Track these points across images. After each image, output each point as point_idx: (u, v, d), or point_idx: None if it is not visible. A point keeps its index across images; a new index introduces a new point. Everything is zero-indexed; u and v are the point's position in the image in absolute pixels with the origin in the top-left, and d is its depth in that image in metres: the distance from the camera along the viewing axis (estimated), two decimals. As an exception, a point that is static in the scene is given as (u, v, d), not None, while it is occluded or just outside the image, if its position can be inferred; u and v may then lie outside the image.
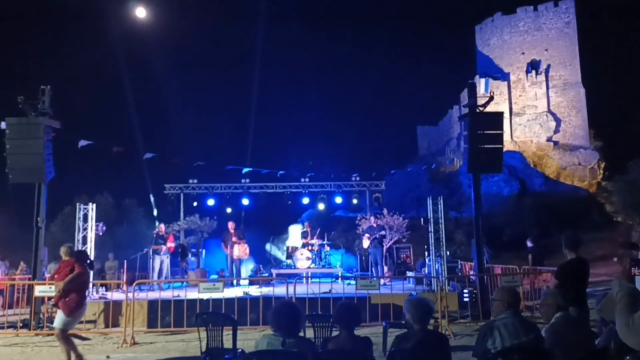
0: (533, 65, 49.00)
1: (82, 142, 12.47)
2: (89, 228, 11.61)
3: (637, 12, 76.53)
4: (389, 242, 14.96)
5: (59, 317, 6.63)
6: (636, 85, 66.85)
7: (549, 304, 4.02)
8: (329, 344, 3.84)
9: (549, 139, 46.92)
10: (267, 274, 14.51)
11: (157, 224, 14.61)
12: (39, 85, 10.42)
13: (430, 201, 12.24)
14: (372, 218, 14.56)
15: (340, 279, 13.36)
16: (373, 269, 13.68)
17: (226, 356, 5.10)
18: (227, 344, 5.56)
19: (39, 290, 9.46)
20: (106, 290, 11.98)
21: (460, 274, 13.71)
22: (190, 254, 15.15)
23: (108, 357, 7.62)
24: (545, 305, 4.05)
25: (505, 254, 22.83)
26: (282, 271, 13.86)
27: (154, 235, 13.35)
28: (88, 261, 7.18)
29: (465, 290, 10.59)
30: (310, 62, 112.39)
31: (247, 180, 16.45)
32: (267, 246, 25.66)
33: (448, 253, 12.94)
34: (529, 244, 14.80)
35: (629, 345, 2.36)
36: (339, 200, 16.60)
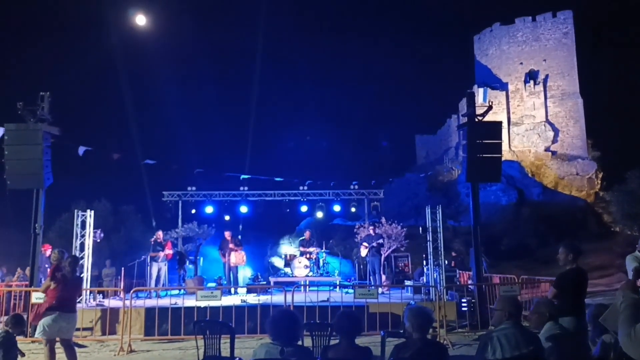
0: (531, 76, 49.13)
1: (82, 149, 12.44)
2: (86, 235, 11.58)
3: (635, 23, 76.93)
4: (387, 251, 14.95)
5: None
6: (634, 96, 67.15)
7: (540, 312, 4.02)
8: (329, 352, 3.81)
9: (547, 149, 46.95)
10: (265, 282, 14.47)
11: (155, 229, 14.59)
12: (39, 91, 10.43)
13: (429, 210, 12.24)
14: (371, 227, 14.56)
15: (338, 287, 13.33)
16: (371, 277, 13.65)
17: (224, 365, 5.08)
18: (225, 352, 5.55)
19: (36, 297, 9.38)
20: (103, 298, 11.93)
21: (458, 283, 13.69)
22: (188, 262, 15.11)
23: (104, 364, 7.58)
24: (537, 314, 4.05)
25: (504, 263, 22.85)
26: (280, 279, 13.83)
27: (152, 242, 13.31)
28: (66, 268, 6.71)
29: (464, 300, 10.57)
30: (309, 70, 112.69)
31: (246, 188, 16.44)
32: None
33: (446, 262, 12.93)
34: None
35: (629, 356, 2.35)
36: (337, 208, 16.59)
